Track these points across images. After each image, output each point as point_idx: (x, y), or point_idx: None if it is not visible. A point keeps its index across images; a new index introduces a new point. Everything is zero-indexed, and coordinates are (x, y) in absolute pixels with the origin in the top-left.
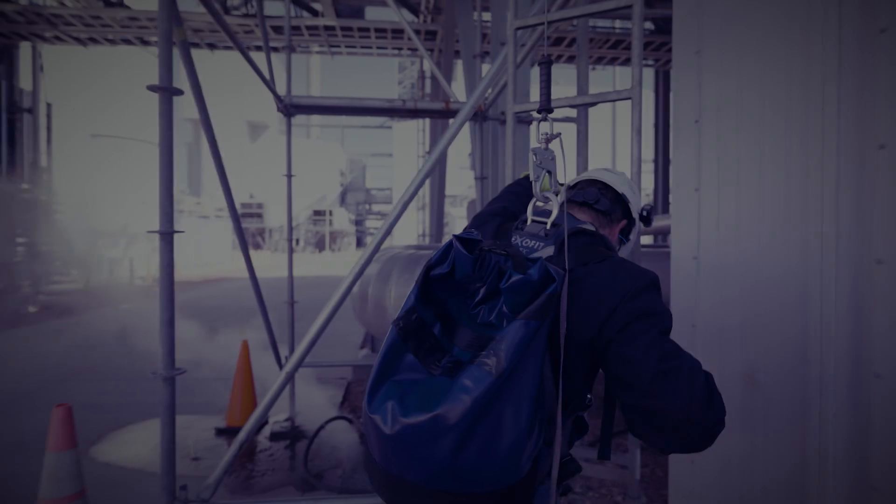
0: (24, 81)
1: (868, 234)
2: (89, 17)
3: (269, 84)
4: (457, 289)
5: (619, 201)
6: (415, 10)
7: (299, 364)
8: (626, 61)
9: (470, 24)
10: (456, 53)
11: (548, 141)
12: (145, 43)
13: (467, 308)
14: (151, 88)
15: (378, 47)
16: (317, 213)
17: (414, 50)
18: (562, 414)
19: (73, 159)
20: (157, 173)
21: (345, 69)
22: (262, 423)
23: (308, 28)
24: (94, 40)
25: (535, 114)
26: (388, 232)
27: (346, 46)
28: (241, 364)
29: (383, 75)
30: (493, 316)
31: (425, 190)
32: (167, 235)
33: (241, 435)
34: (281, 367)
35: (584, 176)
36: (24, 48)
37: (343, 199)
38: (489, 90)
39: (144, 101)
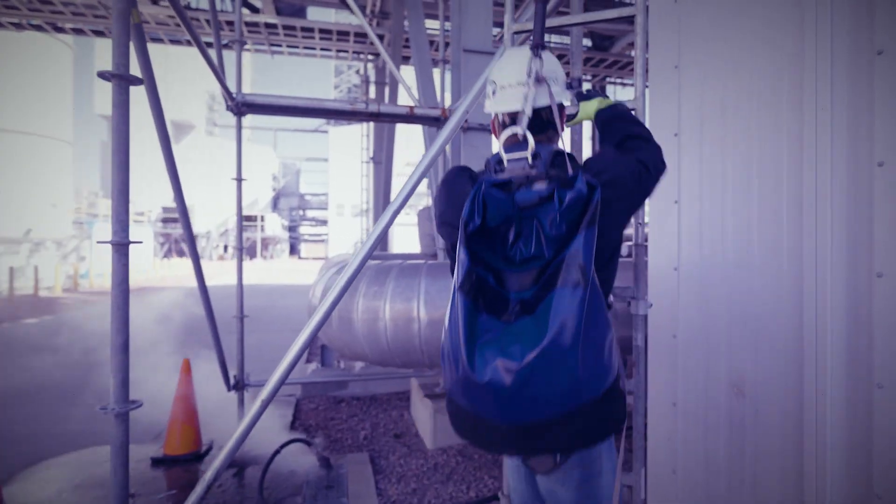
0: None
1: (866, 248)
2: None
3: (222, 80)
4: (484, 240)
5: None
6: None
7: (276, 390)
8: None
9: (421, 30)
10: (404, 59)
11: (537, 79)
12: (58, 30)
13: (501, 255)
14: (103, 76)
15: (322, 48)
16: (247, 218)
17: (359, 53)
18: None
19: None
20: (70, 174)
21: (276, 70)
22: (208, 448)
23: (248, 25)
24: None
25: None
26: (375, 246)
27: (288, 46)
28: (182, 385)
29: (318, 79)
30: (533, 248)
31: (368, 195)
32: (122, 247)
33: (209, 474)
34: (230, 388)
35: (508, 107)
36: None
37: (276, 205)
38: (448, 98)
39: (51, 94)
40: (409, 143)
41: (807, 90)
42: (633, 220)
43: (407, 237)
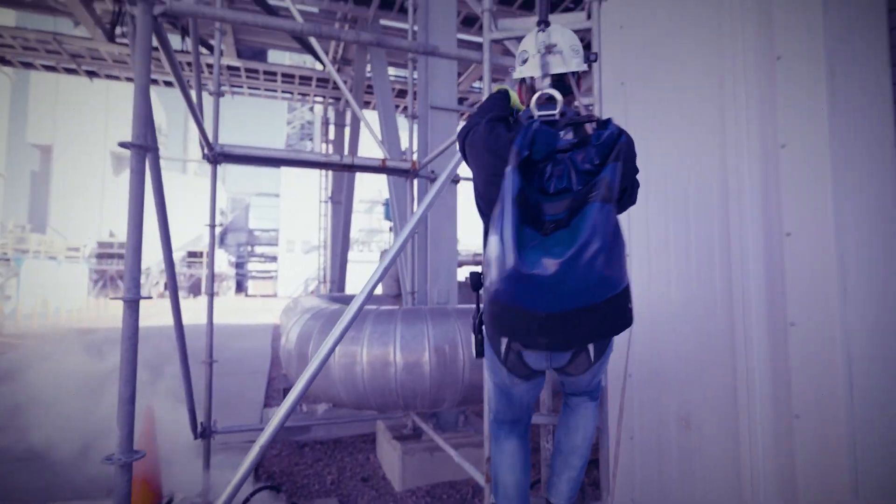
0: None
1: (782, 299)
2: None
3: (203, 130)
4: (526, 172)
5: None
6: (321, 60)
7: (273, 435)
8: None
9: (385, 80)
10: (365, 104)
11: (548, 50)
12: (5, 62)
13: (537, 186)
14: (125, 146)
15: (283, 91)
16: (192, 254)
17: (320, 96)
18: None
19: None
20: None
21: (228, 105)
22: (168, 502)
23: (209, 66)
24: None
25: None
26: (371, 293)
27: (250, 88)
28: (145, 437)
29: (272, 115)
30: (565, 182)
31: (317, 233)
32: (133, 303)
33: None
34: (197, 435)
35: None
36: None
37: (223, 240)
38: (415, 150)
39: None
40: (361, 182)
41: (726, 94)
42: None
43: (359, 273)
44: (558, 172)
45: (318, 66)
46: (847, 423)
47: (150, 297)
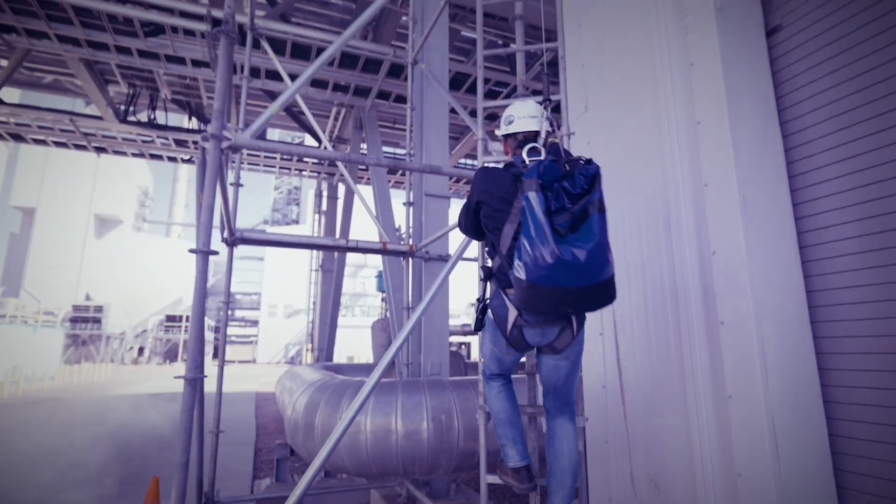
0: None
1: (713, 301)
2: None
3: (229, 216)
4: (541, 200)
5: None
6: (317, 139)
7: (300, 499)
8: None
9: (380, 159)
10: (358, 178)
11: (552, 141)
12: (17, 139)
13: (549, 204)
14: (193, 251)
15: (282, 168)
16: (170, 318)
17: (316, 172)
18: None
19: None
20: None
21: None
22: None
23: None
24: None
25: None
26: (389, 366)
27: (249, 164)
28: None
29: (258, 180)
30: (561, 202)
31: (302, 297)
32: (193, 381)
33: None
34: None
35: (526, 128)
36: None
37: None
38: (410, 229)
39: None
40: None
41: (665, 145)
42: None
43: (343, 338)
44: (554, 196)
45: (312, 142)
46: (765, 405)
47: (205, 377)
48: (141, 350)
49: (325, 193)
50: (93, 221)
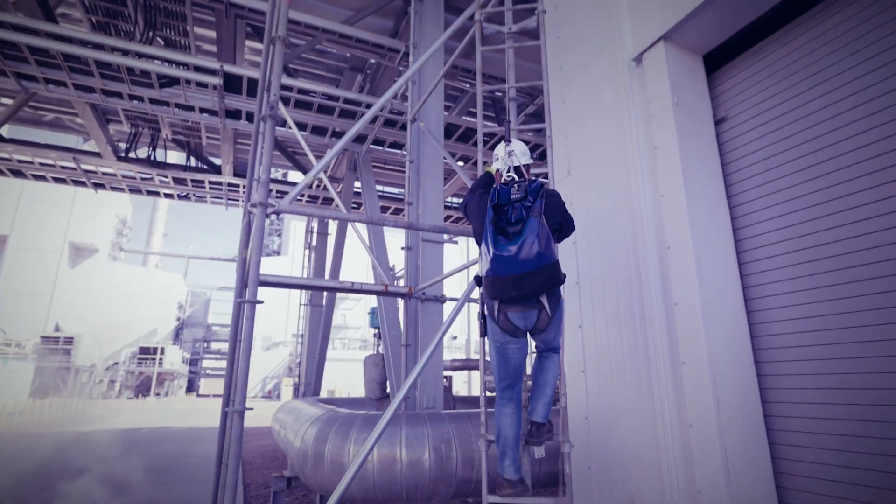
0: None
1: (669, 286)
2: None
3: (244, 263)
4: (496, 211)
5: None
6: (301, 167)
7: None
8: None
9: (374, 200)
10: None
11: (509, 154)
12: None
13: (504, 219)
14: (240, 301)
15: None
16: (145, 350)
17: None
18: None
19: None
20: None
21: (193, 212)
22: None
23: (211, 184)
24: None
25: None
26: (402, 400)
27: (230, 203)
28: None
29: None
30: (520, 215)
31: (276, 329)
32: (240, 413)
33: None
34: None
35: (517, 161)
36: None
37: (178, 335)
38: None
39: None
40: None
41: (636, 212)
42: (557, 391)
43: (333, 372)
44: (515, 211)
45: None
46: (716, 415)
47: (250, 409)
48: (111, 383)
49: (315, 230)
50: (67, 250)
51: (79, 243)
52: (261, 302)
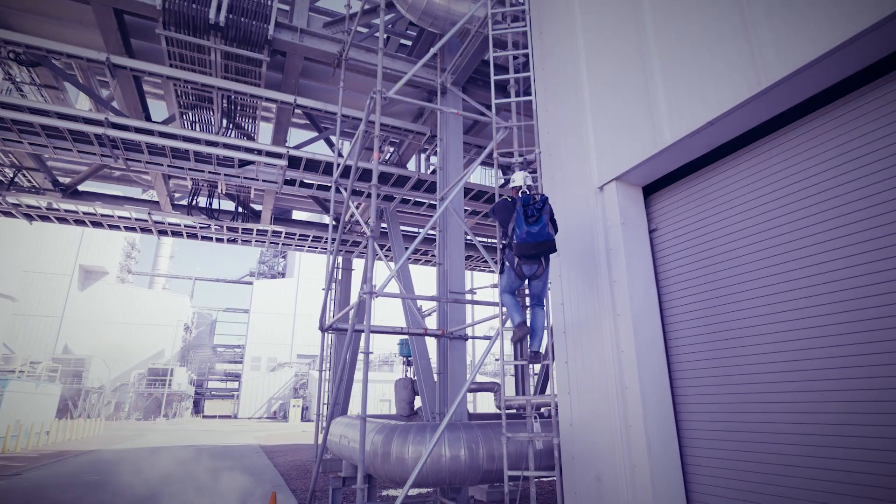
0: None
1: (626, 411)
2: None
3: (325, 314)
4: (522, 209)
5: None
6: (336, 217)
7: (411, 484)
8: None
9: (401, 249)
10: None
11: (524, 179)
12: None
13: (526, 214)
14: (324, 330)
15: (310, 246)
16: (153, 372)
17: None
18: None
19: None
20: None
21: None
22: None
23: (258, 231)
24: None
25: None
26: (455, 407)
27: (284, 245)
28: None
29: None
30: (534, 213)
31: (283, 348)
32: (363, 420)
33: None
34: None
35: (529, 182)
36: None
37: (184, 356)
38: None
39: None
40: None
41: (601, 295)
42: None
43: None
44: (532, 211)
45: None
46: (644, 423)
47: (363, 417)
48: (118, 405)
49: (340, 265)
50: (77, 272)
51: (89, 266)
52: (369, 352)
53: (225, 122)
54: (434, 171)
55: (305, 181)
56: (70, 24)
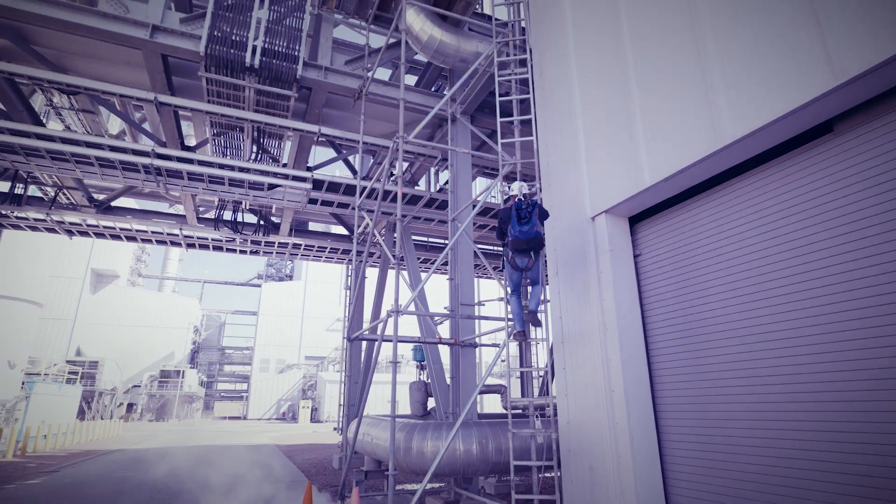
0: None
1: (613, 410)
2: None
3: (352, 323)
4: (515, 213)
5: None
6: (350, 229)
7: (433, 469)
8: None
9: (414, 263)
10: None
11: (520, 188)
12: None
13: (519, 217)
14: (350, 340)
15: (326, 258)
16: (164, 374)
17: (339, 261)
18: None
19: None
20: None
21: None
22: None
23: (279, 244)
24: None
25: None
26: (468, 408)
27: (302, 256)
28: (306, 498)
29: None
30: (525, 215)
31: (291, 349)
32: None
33: None
34: (339, 498)
35: (524, 191)
36: None
37: (194, 358)
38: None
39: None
40: (342, 300)
41: (593, 315)
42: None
43: (336, 392)
44: (525, 213)
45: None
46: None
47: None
48: (130, 406)
49: (353, 273)
50: (90, 276)
51: (100, 270)
52: (398, 363)
53: (254, 146)
54: (441, 189)
55: (326, 200)
56: (118, 65)
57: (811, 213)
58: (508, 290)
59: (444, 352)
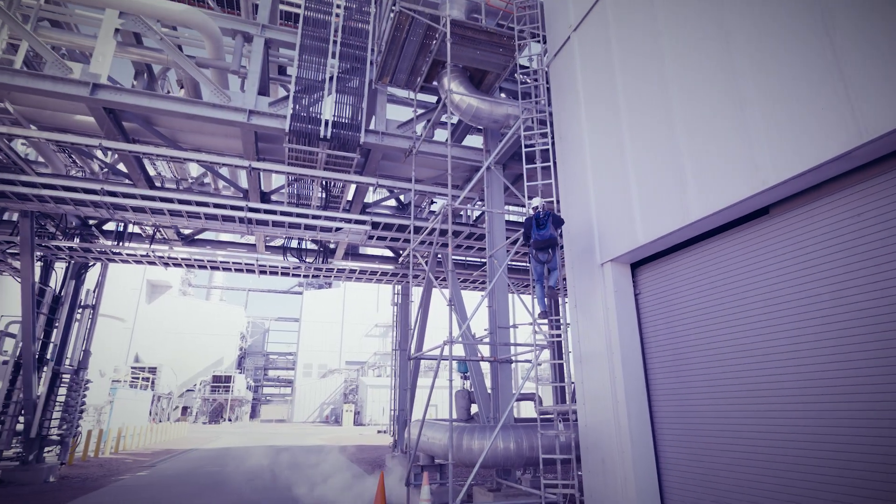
0: None
1: (619, 413)
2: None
3: (409, 343)
4: (535, 222)
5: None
6: (397, 253)
7: (481, 462)
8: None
9: (458, 290)
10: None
11: (543, 207)
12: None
13: (538, 225)
14: (410, 357)
15: (377, 280)
16: (216, 378)
17: (388, 282)
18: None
19: None
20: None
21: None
22: None
23: (338, 270)
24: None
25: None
26: (507, 413)
27: (356, 279)
28: (380, 489)
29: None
30: (541, 222)
31: (332, 355)
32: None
33: None
34: (408, 484)
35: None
36: None
37: (241, 364)
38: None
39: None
40: (384, 307)
41: (602, 338)
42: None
43: (375, 397)
44: (542, 221)
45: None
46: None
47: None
48: (185, 409)
49: (399, 292)
50: (145, 286)
51: (155, 280)
52: (465, 376)
53: (322, 192)
54: (477, 219)
55: (381, 236)
56: (217, 136)
57: (769, 272)
58: (533, 279)
59: (486, 365)
